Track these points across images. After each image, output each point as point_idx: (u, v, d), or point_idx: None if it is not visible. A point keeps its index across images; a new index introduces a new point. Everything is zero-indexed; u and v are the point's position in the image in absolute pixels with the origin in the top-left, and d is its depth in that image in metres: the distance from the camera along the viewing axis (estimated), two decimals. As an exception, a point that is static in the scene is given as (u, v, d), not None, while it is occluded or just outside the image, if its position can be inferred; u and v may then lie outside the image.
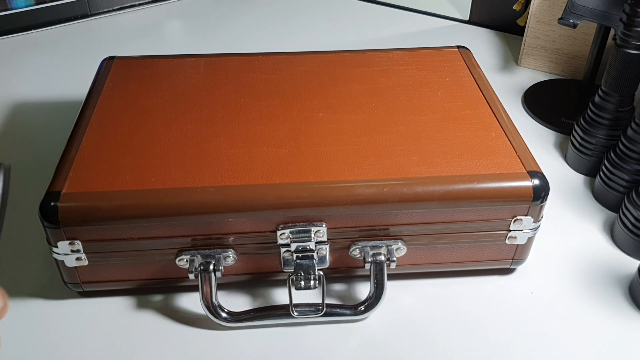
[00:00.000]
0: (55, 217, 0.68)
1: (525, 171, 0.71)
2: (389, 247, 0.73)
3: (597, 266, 0.81)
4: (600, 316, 0.75)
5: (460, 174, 0.71)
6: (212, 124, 0.79)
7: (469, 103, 0.83)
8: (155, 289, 0.77)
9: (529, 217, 0.72)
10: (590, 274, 0.80)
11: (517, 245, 0.75)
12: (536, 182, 0.70)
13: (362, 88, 0.86)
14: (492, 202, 0.70)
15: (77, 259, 0.71)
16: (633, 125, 0.83)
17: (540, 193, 0.70)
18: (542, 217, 0.73)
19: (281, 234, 0.71)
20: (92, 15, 1.41)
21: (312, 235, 0.71)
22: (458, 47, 0.96)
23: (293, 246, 0.71)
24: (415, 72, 0.90)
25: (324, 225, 0.70)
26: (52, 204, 0.68)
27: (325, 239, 0.72)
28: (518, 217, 0.72)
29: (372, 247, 0.72)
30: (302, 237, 0.71)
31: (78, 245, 0.70)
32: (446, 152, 0.74)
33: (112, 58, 0.93)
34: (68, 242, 0.70)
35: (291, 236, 0.71)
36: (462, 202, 0.70)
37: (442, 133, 0.78)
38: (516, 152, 0.74)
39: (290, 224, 0.70)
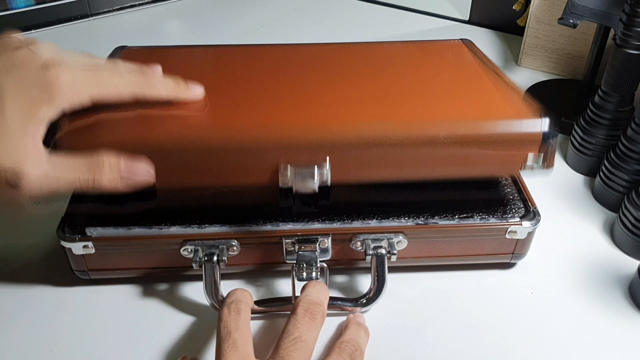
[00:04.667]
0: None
1: (534, 113, 0.70)
2: (390, 240, 0.74)
3: (597, 266, 0.81)
4: (600, 316, 0.75)
5: (468, 116, 0.71)
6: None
7: (473, 74, 0.83)
8: (161, 278, 0.78)
9: (540, 157, 0.71)
10: (590, 274, 0.80)
11: (517, 240, 0.76)
12: (546, 122, 0.69)
13: (369, 65, 0.85)
14: (501, 145, 0.69)
15: (85, 247, 0.72)
16: (633, 125, 0.83)
17: (550, 135, 0.69)
18: (539, 215, 0.75)
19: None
20: (92, 15, 1.41)
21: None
22: (462, 39, 0.97)
23: (295, 237, 0.73)
24: (420, 55, 0.90)
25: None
26: None
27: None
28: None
29: (374, 240, 0.74)
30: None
31: (85, 233, 0.72)
32: (453, 101, 0.74)
33: (122, 48, 0.94)
34: (76, 230, 0.72)
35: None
36: (469, 144, 0.69)
37: (450, 92, 0.77)
38: (522, 103, 0.73)
39: (293, 165, 0.68)
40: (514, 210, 0.76)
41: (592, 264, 0.82)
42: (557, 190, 0.93)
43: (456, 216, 0.75)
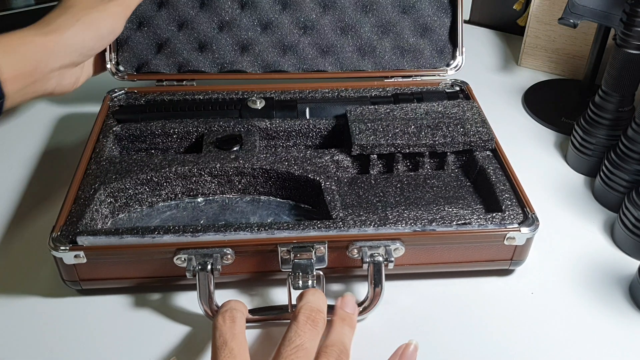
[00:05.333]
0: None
1: None
2: (387, 248, 0.72)
3: (597, 266, 0.80)
4: (600, 316, 0.74)
5: None
6: None
7: None
8: (154, 288, 0.76)
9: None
10: (590, 274, 0.79)
11: (516, 246, 0.74)
12: None
13: None
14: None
15: (76, 256, 0.70)
16: (633, 125, 0.82)
17: None
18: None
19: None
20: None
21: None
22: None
23: (291, 245, 0.71)
24: None
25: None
26: None
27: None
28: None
29: (370, 248, 0.72)
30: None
31: (77, 242, 0.71)
32: None
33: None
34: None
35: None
36: None
37: None
38: None
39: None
40: (512, 216, 0.74)
41: (593, 264, 0.81)
42: (557, 190, 0.93)
43: (454, 222, 0.73)
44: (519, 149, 0.99)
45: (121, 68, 0.95)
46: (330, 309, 0.69)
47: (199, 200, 0.83)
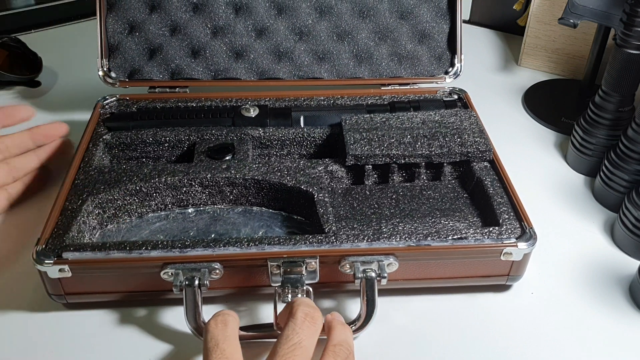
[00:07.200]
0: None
1: None
2: (380, 263, 0.67)
3: (597, 266, 0.78)
4: (600, 316, 0.72)
5: None
6: None
7: None
8: (141, 302, 0.72)
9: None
10: (590, 274, 0.77)
11: (513, 261, 0.70)
12: None
13: None
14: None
15: (61, 270, 0.66)
16: (633, 125, 0.80)
17: None
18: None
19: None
20: (92, 15, 1.35)
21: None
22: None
23: (281, 259, 0.66)
24: None
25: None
26: None
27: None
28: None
29: (363, 263, 0.67)
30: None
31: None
32: None
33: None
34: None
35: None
36: None
37: None
38: None
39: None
40: (509, 231, 0.70)
41: (592, 264, 0.79)
42: (557, 191, 0.90)
43: (449, 237, 0.69)
44: (519, 149, 0.97)
45: (113, 74, 0.91)
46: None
47: (190, 211, 0.78)
